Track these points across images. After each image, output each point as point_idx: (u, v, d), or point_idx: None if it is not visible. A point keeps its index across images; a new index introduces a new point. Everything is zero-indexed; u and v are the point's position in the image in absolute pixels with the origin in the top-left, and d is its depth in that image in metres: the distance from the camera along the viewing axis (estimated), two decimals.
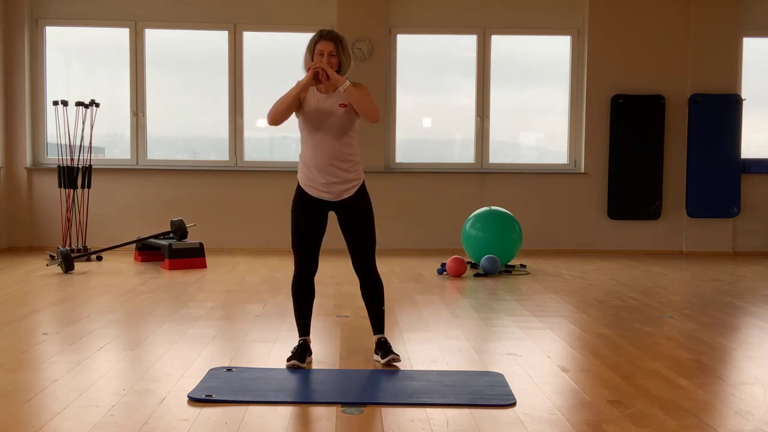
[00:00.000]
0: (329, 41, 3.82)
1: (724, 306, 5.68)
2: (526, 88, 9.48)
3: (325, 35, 3.84)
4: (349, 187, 3.90)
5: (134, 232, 8.41)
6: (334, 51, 3.81)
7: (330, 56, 3.81)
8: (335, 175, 3.85)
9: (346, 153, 3.87)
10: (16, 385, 3.50)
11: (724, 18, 8.95)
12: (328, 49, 3.81)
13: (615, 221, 9.08)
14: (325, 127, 3.84)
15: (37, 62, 8.82)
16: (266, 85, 9.15)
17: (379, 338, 4.02)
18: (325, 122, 3.84)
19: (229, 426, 2.99)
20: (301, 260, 3.95)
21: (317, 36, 3.86)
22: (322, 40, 3.83)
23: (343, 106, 3.84)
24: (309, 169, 3.88)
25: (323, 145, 3.84)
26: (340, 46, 3.83)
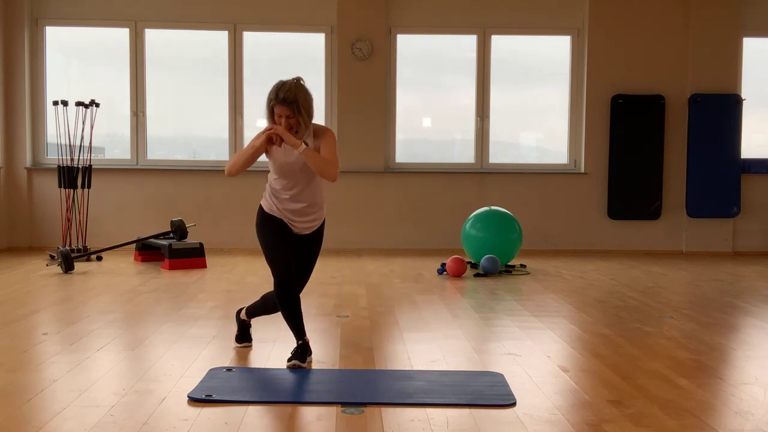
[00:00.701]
0: (284, 106, 3.82)
1: (724, 306, 5.68)
2: (526, 88, 9.48)
3: (281, 100, 3.81)
4: (312, 225, 4.04)
5: (134, 232, 8.41)
6: (290, 114, 3.82)
7: (287, 119, 3.84)
8: (299, 215, 3.97)
9: (314, 197, 3.99)
10: (16, 385, 3.50)
11: (724, 18, 8.95)
12: (284, 113, 3.83)
13: (615, 221, 9.08)
14: (294, 174, 3.92)
15: (37, 62, 8.82)
16: (266, 85, 9.13)
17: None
18: (294, 170, 3.91)
19: (229, 426, 2.99)
20: (280, 271, 3.92)
21: (273, 98, 3.85)
22: (277, 104, 3.83)
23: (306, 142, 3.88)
24: (273, 204, 3.98)
25: (289, 190, 3.94)
26: (295, 108, 3.81)
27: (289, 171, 3.92)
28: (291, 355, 3.89)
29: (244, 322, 4.30)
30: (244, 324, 4.31)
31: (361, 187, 8.84)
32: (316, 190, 3.98)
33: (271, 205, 3.98)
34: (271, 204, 3.99)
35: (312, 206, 3.98)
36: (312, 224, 4.02)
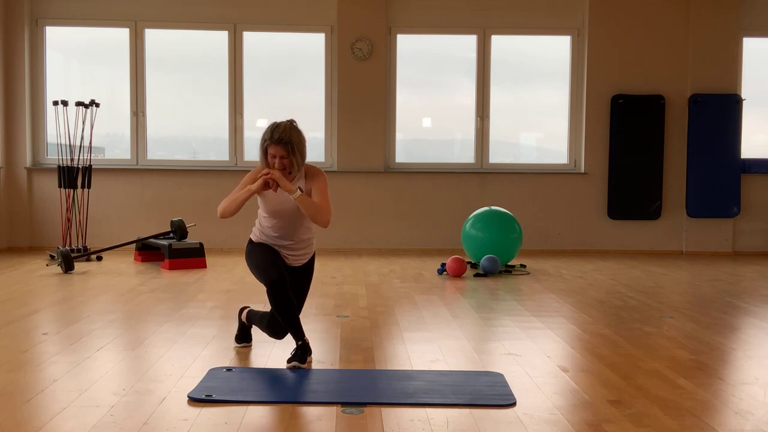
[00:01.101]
0: (280, 146, 3.86)
1: (724, 306, 5.68)
2: (526, 88, 9.48)
3: (276, 141, 3.85)
4: (303, 259, 4.15)
5: (134, 232, 8.42)
6: (285, 155, 3.88)
7: (282, 159, 3.89)
8: (290, 251, 4.08)
9: (304, 236, 4.09)
10: (16, 385, 3.50)
11: (724, 18, 8.95)
12: (279, 153, 3.88)
13: (615, 221, 9.08)
14: (285, 214, 4.00)
15: (37, 62, 8.82)
16: (266, 85, 9.16)
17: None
18: (283, 212, 3.99)
19: (229, 426, 2.99)
20: (272, 276, 3.90)
21: (268, 139, 3.89)
22: (272, 144, 3.87)
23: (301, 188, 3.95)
24: (268, 240, 4.08)
25: (280, 229, 4.04)
26: (290, 148, 3.87)
27: (281, 213, 4.01)
28: (291, 356, 3.90)
29: (245, 324, 4.32)
30: (244, 325, 4.32)
31: (361, 187, 8.84)
32: (305, 228, 4.08)
33: (261, 239, 4.12)
34: (260, 238, 4.13)
35: (302, 242, 4.10)
36: (302, 258, 4.15)
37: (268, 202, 4.03)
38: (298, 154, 3.92)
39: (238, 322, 4.35)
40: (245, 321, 4.29)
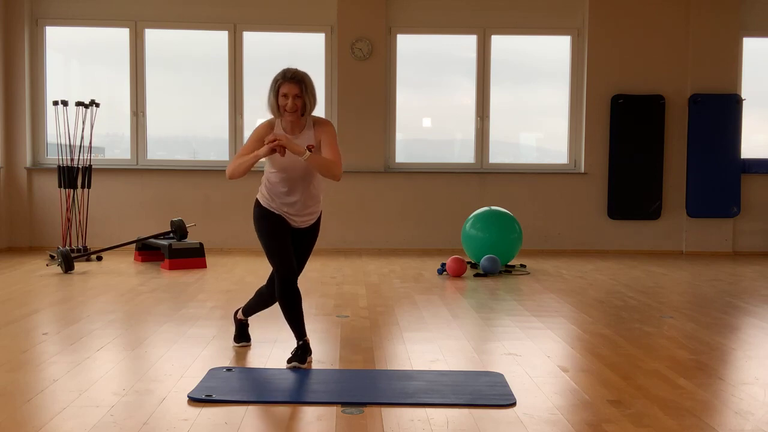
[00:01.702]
0: (294, 84, 3.79)
1: (724, 306, 5.68)
2: (526, 88, 9.48)
3: (289, 77, 3.80)
4: (308, 219, 4.05)
5: (134, 232, 8.42)
6: (298, 93, 3.80)
7: (295, 98, 3.80)
8: (297, 210, 3.98)
9: (313, 192, 4.00)
10: (16, 385, 3.50)
11: (724, 18, 8.95)
12: (292, 91, 3.80)
13: (615, 221, 9.08)
14: (293, 170, 3.90)
15: (37, 62, 8.82)
16: (266, 85, 9.14)
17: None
18: (293, 165, 3.88)
19: (229, 426, 2.99)
20: (281, 267, 3.92)
21: (280, 77, 3.83)
22: (285, 82, 3.80)
23: (310, 147, 3.83)
24: (271, 199, 3.98)
25: (288, 185, 3.93)
26: (304, 87, 3.81)
27: (290, 169, 3.91)
28: (291, 356, 3.90)
29: (242, 321, 4.32)
30: (241, 323, 4.32)
31: (361, 187, 8.84)
32: (314, 185, 3.99)
33: (268, 200, 3.99)
34: (267, 198, 3.99)
35: (309, 200, 3.98)
36: (309, 218, 4.04)
37: (276, 161, 3.88)
38: (311, 94, 3.85)
39: (235, 322, 4.35)
40: (242, 318, 4.29)
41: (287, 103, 3.80)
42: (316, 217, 4.09)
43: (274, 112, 3.91)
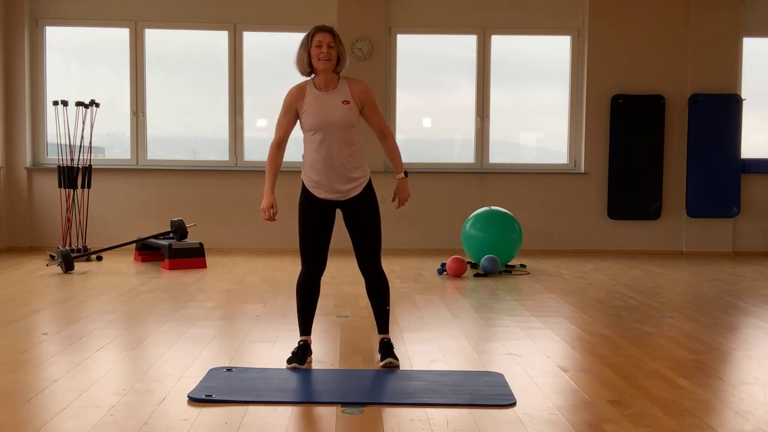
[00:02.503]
0: (327, 33, 3.80)
1: (724, 306, 5.68)
2: (526, 88, 9.48)
3: (321, 27, 3.82)
4: (356, 185, 3.87)
5: (134, 232, 8.41)
6: (332, 42, 3.80)
7: (329, 47, 3.78)
8: (341, 175, 3.82)
9: (350, 151, 3.83)
10: (16, 385, 3.50)
11: (724, 18, 8.94)
12: (326, 40, 3.77)
13: (615, 221, 9.08)
14: (329, 126, 3.78)
15: (37, 62, 8.82)
16: (266, 85, 9.16)
17: (383, 338, 3.99)
18: (329, 121, 3.78)
19: (229, 426, 2.99)
20: (308, 260, 3.90)
21: (313, 29, 3.82)
22: (319, 32, 3.79)
23: (345, 102, 3.80)
24: (314, 170, 3.83)
25: (327, 146, 3.79)
26: (338, 39, 3.83)
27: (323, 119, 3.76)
28: (291, 356, 3.88)
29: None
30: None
31: None
32: (349, 145, 3.82)
33: (310, 177, 3.84)
34: (309, 175, 3.85)
35: (348, 162, 3.80)
36: (353, 185, 3.84)
37: (309, 118, 3.78)
38: (343, 47, 3.85)
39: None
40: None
41: (321, 51, 3.75)
42: (363, 184, 3.88)
43: (305, 70, 3.83)
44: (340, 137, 3.79)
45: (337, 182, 3.82)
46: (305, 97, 3.83)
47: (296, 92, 3.87)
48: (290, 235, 8.83)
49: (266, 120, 9.37)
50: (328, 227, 3.91)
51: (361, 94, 3.85)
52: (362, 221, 3.92)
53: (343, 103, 3.79)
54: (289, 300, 5.72)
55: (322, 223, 3.89)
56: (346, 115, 3.80)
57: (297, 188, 3.96)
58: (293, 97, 3.86)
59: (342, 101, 3.79)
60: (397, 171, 4.04)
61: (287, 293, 6.01)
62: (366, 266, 3.97)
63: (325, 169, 3.81)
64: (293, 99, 3.85)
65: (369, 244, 3.95)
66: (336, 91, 3.83)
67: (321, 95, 3.82)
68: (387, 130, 4.00)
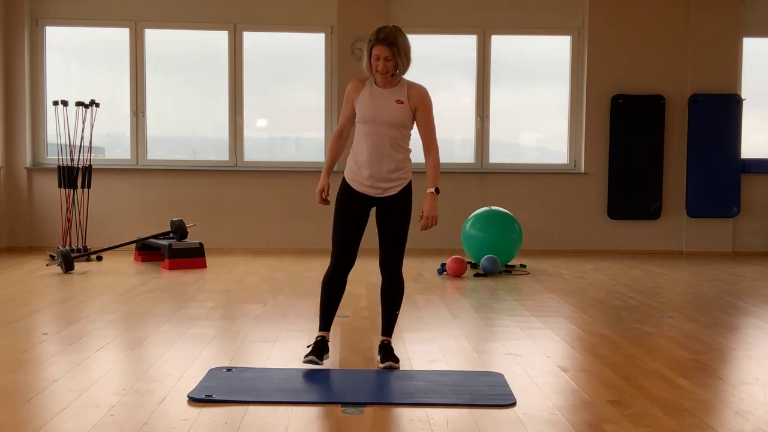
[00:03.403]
0: (384, 46, 3.75)
1: (724, 306, 5.68)
2: (526, 88, 9.47)
3: (381, 40, 3.75)
4: (394, 185, 3.91)
5: (134, 232, 8.41)
6: (389, 56, 3.76)
7: (386, 61, 3.77)
8: (381, 171, 3.86)
9: (395, 150, 3.89)
10: (16, 385, 3.50)
11: (724, 18, 8.94)
12: (383, 54, 3.75)
13: (615, 221, 9.08)
14: (378, 122, 3.83)
15: (37, 62, 8.82)
16: (266, 85, 9.16)
17: (384, 340, 3.98)
18: (379, 117, 3.83)
19: (229, 426, 2.99)
20: (338, 255, 3.91)
21: (373, 39, 3.78)
22: (378, 44, 3.75)
23: (399, 102, 3.84)
24: (357, 162, 3.89)
25: (373, 140, 3.84)
26: (395, 50, 3.76)
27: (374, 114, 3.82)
28: (309, 350, 3.86)
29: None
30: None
31: None
32: (396, 143, 3.88)
33: (351, 171, 3.91)
34: (350, 170, 3.91)
35: (391, 159, 3.86)
36: (392, 185, 3.89)
37: (364, 107, 3.85)
38: (404, 55, 3.81)
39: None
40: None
41: (379, 64, 3.77)
42: (401, 186, 3.92)
43: (368, 71, 3.89)
44: (387, 135, 3.85)
45: (376, 178, 3.87)
46: (363, 90, 3.89)
47: (356, 84, 3.95)
48: (290, 235, 8.87)
49: (266, 120, 9.38)
50: (361, 223, 3.92)
51: (417, 98, 3.90)
52: (392, 221, 3.94)
53: (396, 102, 3.84)
54: (289, 300, 5.72)
55: (357, 218, 3.90)
56: (398, 114, 3.85)
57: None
58: (352, 89, 3.94)
59: (396, 100, 3.85)
60: (429, 185, 4.02)
61: (287, 293, 6.01)
62: (386, 266, 3.98)
63: (367, 163, 3.85)
64: (352, 90, 3.94)
65: (393, 245, 3.96)
66: (393, 90, 3.88)
67: (378, 90, 3.87)
68: (433, 142, 4.03)
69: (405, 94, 3.86)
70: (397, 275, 3.99)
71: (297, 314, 5.18)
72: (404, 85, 3.89)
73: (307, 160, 8.99)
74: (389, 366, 3.83)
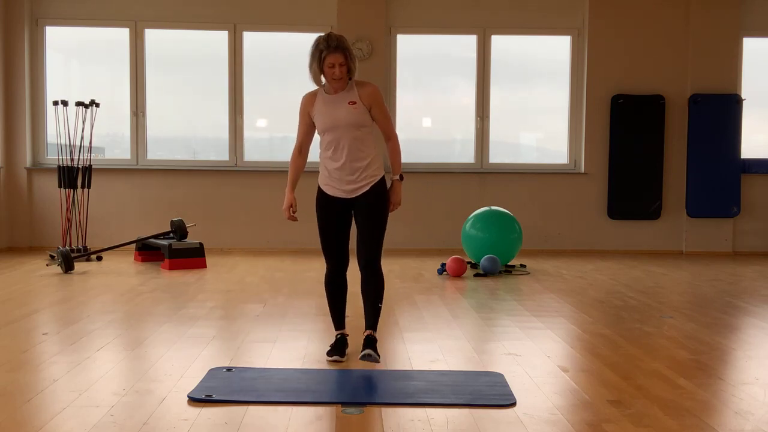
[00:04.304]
0: (338, 53, 3.82)
1: (724, 306, 5.68)
2: (526, 88, 9.48)
3: (333, 48, 3.82)
4: (365, 183, 4.00)
5: (134, 232, 8.41)
6: (343, 61, 3.85)
7: (341, 66, 3.85)
8: (350, 173, 3.97)
9: (359, 150, 3.97)
10: (16, 385, 3.50)
11: (724, 18, 8.95)
12: (338, 60, 3.84)
13: (615, 221, 9.08)
14: (337, 127, 3.94)
15: (37, 62, 8.82)
16: (266, 85, 9.16)
17: (368, 334, 3.98)
18: (336, 122, 3.93)
19: (229, 426, 2.99)
20: (329, 257, 4.08)
21: (324, 47, 3.83)
22: (331, 53, 3.82)
23: (352, 103, 3.92)
24: (326, 168, 4.02)
25: (337, 145, 3.96)
26: (348, 54, 3.86)
27: (331, 120, 3.93)
28: (330, 349, 4.01)
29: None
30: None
31: None
32: (359, 144, 3.97)
33: (322, 177, 4.04)
34: (322, 176, 4.05)
35: (356, 161, 3.96)
36: (362, 183, 3.98)
37: (321, 119, 3.96)
38: (353, 58, 3.90)
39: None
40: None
41: (335, 72, 3.85)
42: (371, 183, 4.00)
43: (317, 80, 3.97)
44: (349, 137, 3.95)
45: (345, 180, 3.98)
46: (316, 102, 3.99)
47: (308, 98, 4.06)
48: (290, 235, 8.87)
49: (266, 120, 9.38)
50: (343, 224, 4.05)
51: (368, 96, 3.97)
52: (366, 217, 4.01)
53: (349, 103, 3.93)
54: (289, 300, 5.72)
55: (338, 221, 4.03)
56: (353, 115, 3.93)
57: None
58: (305, 103, 4.05)
59: (348, 102, 3.93)
60: (394, 173, 4.15)
61: (287, 293, 6.01)
62: (363, 261, 4.04)
63: (335, 168, 3.97)
64: (305, 105, 4.05)
65: (369, 240, 4.01)
66: (344, 93, 3.96)
67: (329, 98, 3.97)
68: (392, 132, 4.14)
69: (356, 94, 3.95)
70: (374, 269, 4.06)
71: (297, 314, 5.18)
72: (353, 86, 3.98)
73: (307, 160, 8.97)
74: (367, 355, 3.77)
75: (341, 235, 4.05)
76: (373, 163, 4.03)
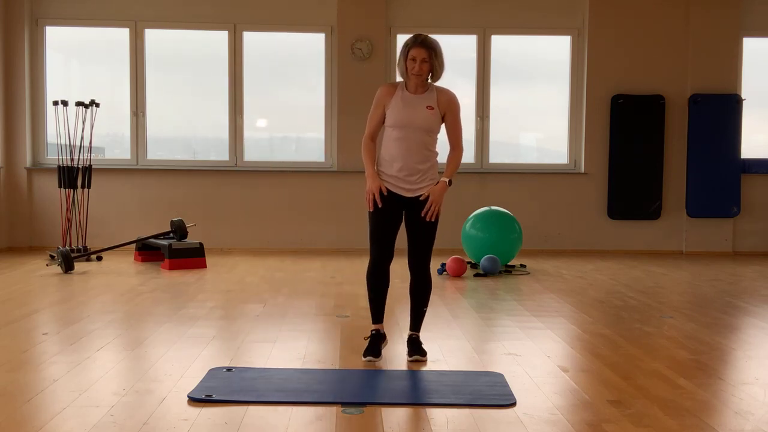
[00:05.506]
0: (423, 48, 3.87)
1: (724, 306, 5.68)
2: (526, 88, 9.48)
3: (419, 42, 3.88)
4: (422, 186, 4.02)
5: (134, 232, 8.41)
6: (426, 57, 3.88)
7: (422, 62, 3.88)
8: (410, 173, 3.98)
9: (424, 153, 4.00)
10: (16, 385, 3.50)
11: (724, 18, 8.94)
12: (420, 55, 3.88)
13: (615, 221, 9.08)
14: (410, 127, 3.95)
15: (37, 62, 8.82)
16: (266, 85, 9.16)
17: (412, 335, 4.10)
18: (411, 122, 3.95)
19: (229, 426, 2.99)
20: (376, 251, 4.06)
21: (411, 41, 3.90)
22: (415, 46, 3.87)
23: (430, 108, 3.95)
24: (388, 163, 4.01)
25: (404, 144, 3.96)
26: (433, 54, 3.89)
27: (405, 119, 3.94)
28: (365, 350, 4.00)
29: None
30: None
31: (361, 187, 8.75)
32: (425, 147, 3.99)
33: (382, 172, 4.02)
34: (382, 170, 4.03)
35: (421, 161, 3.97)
36: (422, 184, 4.00)
37: (395, 113, 3.95)
38: (439, 61, 3.93)
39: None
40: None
41: (415, 66, 3.88)
42: (429, 185, 4.03)
43: (403, 74, 3.99)
44: (417, 139, 3.97)
45: (406, 180, 3.99)
46: (394, 96, 3.99)
47: (388, 89, 4.05)
48: (290, 235, 8.87)
49: (266, 120, 9.38)
50: (395, 219, 4.06)
51: (446, 103, 4.02)
52: (420, 222, 4.04)
53: (427, 108, 3.96)
54: (289, 300, 5.72)
55: (390, 215, 4.04)
56: (428, 119, 3.97)
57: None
58: (384, 93, 4.04)
59: (426, 106, 3.96)
60: (446, 175, 4.10)
61: (287, 293, 6.01)
62: (415, 265, 4.11)
63: (397, 166, 3.97)
64: (383, 95, 4.04)
65: (422, 244, 4.10)
66: (424, 95, 3.99)
67: (409, 96, 3.98)
68: (459, 143, 4.12)
69: (435, 99, 3.99)
70: (424, 273, 4.14)
71: (297, 314, 5.18)
72: (434, 91, 4.02)
73: (307, 160, 8.99)
74: (416, 360, 3.96)
75: (392, 229, 4.06)
76: (432, 168, 4.07)
